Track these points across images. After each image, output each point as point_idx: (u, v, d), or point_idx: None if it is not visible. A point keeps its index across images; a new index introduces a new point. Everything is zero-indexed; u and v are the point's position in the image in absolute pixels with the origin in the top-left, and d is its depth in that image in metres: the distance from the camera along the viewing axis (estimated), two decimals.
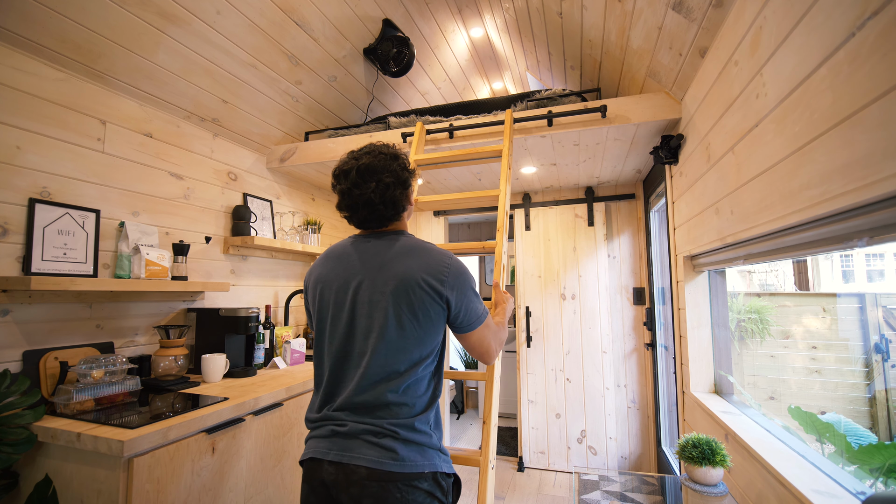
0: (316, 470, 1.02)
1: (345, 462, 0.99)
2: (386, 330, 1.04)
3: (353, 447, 1.00)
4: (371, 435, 1.01)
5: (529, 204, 3.35)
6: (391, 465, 0.98)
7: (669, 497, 1.45)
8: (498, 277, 1.61)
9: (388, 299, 1.05)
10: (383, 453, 0.99)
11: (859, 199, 0.82)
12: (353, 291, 1.09)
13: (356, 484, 0.97)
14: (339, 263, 1.14)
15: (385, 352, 1.04)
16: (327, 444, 1.03)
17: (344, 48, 2.56)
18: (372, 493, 0.96)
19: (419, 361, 1.06)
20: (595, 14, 2.03)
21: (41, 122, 1.60)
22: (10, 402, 1.33)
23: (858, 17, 0.80)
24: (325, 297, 1.13)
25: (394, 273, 1.06)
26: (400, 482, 0.97)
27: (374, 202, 1.10)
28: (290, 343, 2.31)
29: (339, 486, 0.98)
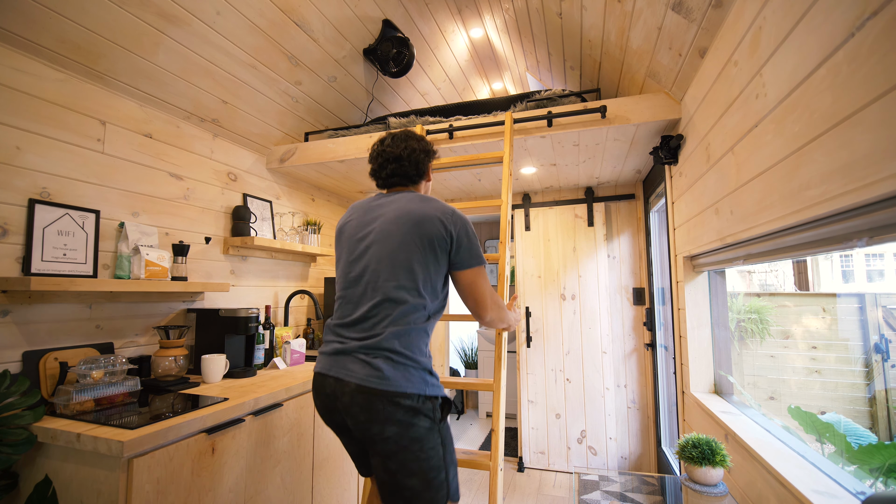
0: (321, 382, 1.21)
1: (340, 377, 1.15)
2: (395, 259, 1.20)
3: (348, 364, 1.15)
4: (364, 353, 1.15)
5: (529, 204, 3.35)
6: (376, 382, 1.11)
7: (669, 497, 1.45)
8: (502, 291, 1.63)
9: (401, 232, 1.22)
10: (371, 372, 1.12)
11: (859, 199, 0.82)
12: (370, 228, 1.28)
13: (347, 395, 1.13)
14: (362, 211, 1.36)
15: (392, 278, 1.19)
16: (330, 360, 1.20)
17: (344, 48, 2.56)
18: (359, 403, 1.11)
19: (421, 293, 1.21)
20: (595, 14, 2.03)
21: (41, 123, 1.60)
22: (10, 403, 1.32)
23: (858, 18, 0.80)
24: (345, 234, 1.35)
25: (408, 213, 1.25)
26: (383, 398, 1.10)
27: (402, 158, 1.35)
28: (289, 343, 2.31)
29: (336, 396, 1.16)
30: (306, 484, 1.89)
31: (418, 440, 1.11)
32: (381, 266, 1.20)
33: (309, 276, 3.06)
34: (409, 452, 1.10)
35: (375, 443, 1.11)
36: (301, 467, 1.86)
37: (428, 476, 1.11)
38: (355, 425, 1.13)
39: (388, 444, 1.10)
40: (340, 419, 1.19)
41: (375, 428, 1.10)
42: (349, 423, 1.16)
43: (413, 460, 1.10)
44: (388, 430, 1.09)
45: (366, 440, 1.13)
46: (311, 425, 1.94)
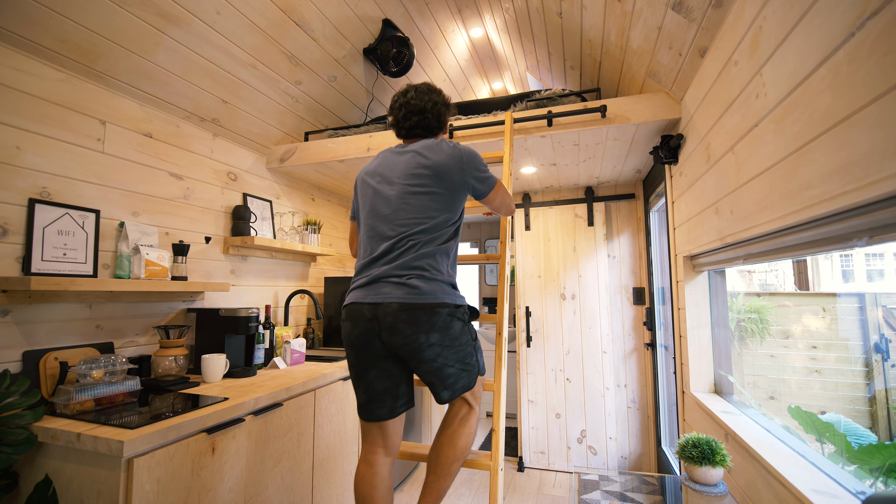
0: (357, 311, 1.31)
1: (379, 301, 1.28)
2: (419, 201, 1.35)
3: (382, 289, 1.28)
4: (396, 277, 1.29)
5: (529, 204, 3.35)
6: (415, 298, 1.26)
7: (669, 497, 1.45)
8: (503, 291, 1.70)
9: (423, 173, 1.36)
10: (408, 290, 1.27)
11: (859, 199, 0.82)
12: (393, 171, 1.40)
13: (390, 315, 1.26)
14: (384, 159, 1.47)
15: (415, 216, 1.34)
16: (364, 290, 1.32)
17: (344, 48, 2.56)
18: (403, 319, 1.25)
19: (444, 222, 1.37)
20: (595, 14, 2.03)
21: (41, 123, 1.60)
22: (10, 403, 1.33)
23: (858, 18, 0.80)
24: (369, 182, 1.45)
25: (429, 157, 1.38)
26: (424, 309, 1.27)
27: (426, 110, 1.47)
28: (290, 343, 2.31)
29: (377, 318, 1.28)
30: (306, 484, 1.89)
31: (455, 338, 1.32)
32: (405, 206, 1.35)
33: (309, 276, 3.06)
34: (450, 350, 1.31)
35: (423, 350, 1.27)
36: (301, 467, 1.86)
37: (465, 362, 1.36)
38: (402, 340, 1.26)
39: (434, 349, 1.28)
40: (378, 344, 1.31)
41: (422, 337, 1.26)
42: (395, 341, 1.27)
43: (452, 354, 1.32)
44: (433, 336, 1.27)
45: (412, 351, 1.28)
46: (311, 425, 1.94)
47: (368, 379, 1.35)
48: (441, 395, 1.34)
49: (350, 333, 1.34)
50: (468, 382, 1.37)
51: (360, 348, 1.33)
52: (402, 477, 2.89)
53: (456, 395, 1.35)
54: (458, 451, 1.35)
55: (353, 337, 1.33)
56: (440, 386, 1.33)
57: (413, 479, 2.99)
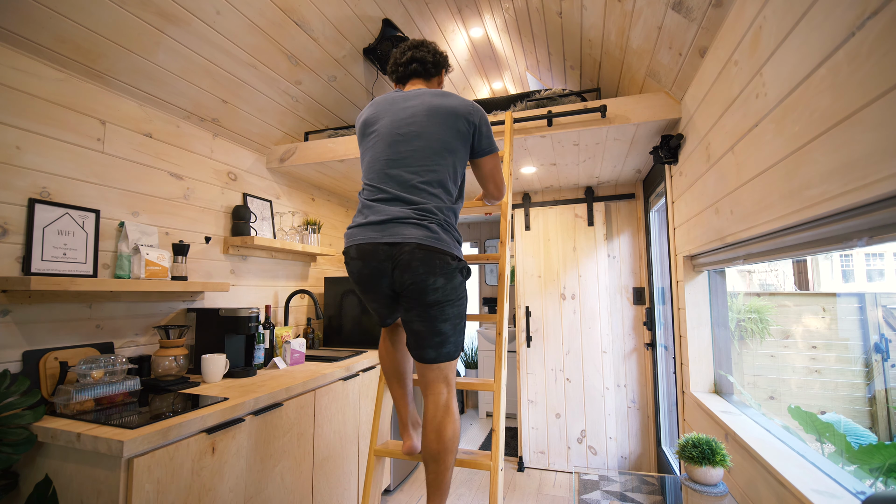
0: (370, 250, 1.31)
1: (396, 241, 1.29)
2: (432, 146, 1.36)
3: (402, 230, 1.30)
4: (417, 220, 1.31)
5: (529, 204, 3.35)
6: (433, 241, 1.30)
7: (669, 497, 1.45)
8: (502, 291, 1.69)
9: (435, 124, 1.38)
10: (428, 234, 1.30)
11: (859, 199, 0.82)
12: (398, 115, 1.41)
13: (406, 253, 1.28)
14: (387, 103, 1.47)
15: (430, 162, 1.35)
16: (379, 229, 1.32)
17: (344, 48, 2.56)
18: (419, 258, 1.28)
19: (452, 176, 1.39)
20: (595, 14, 2.03)
21: (41, 122, 1.60)
22: (10, 403, 1.33)
23: (858, 17, 0.80)
24: (371, 125, 1.46)
25: (438, 108, 1.40)
26: (439, 254, 1.30)
27: (427, 59, 1.53)
28: (290, 343, 2.31)
29: (391, 256, 1.29)
30: (306, 483, 1.89)
31: (455, 290, 1.36)
32: (421, 151, 1.37)
33: (309, 276, 3.06)
34: (448, 301, 1.34)
35: (427, 292, 1.31)
36: (301, 467, 1.86)
37: (455, 322, 1.38)
38: (412, 279, 1.29)
39: (437, 293, 1.31)
40: (386, 284, 1.34)
41: (431, 279, 1.29)
42: (405, 279, 1.30)
43: (449, 307, 1.35)
44: (439, 281, 1.31)
45: (418, 291, 1.31)
46: (311, 425, 1.94)
47: (375, 307, 1.45)
48: (426, 354, 1.37)
49: (360, 272, 1.36)
50: (452, 350, 1.40)
51: (366, 286, 1.38)
52: (402, 477, 2.89)
53: (439, 359, 1.37)
54: (448, 442, 1.36)
55: (362, 276, 1.36)
56: (428, 342, 1.36)
57: (413, 479, 2.99)
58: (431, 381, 1.40)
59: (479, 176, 1.56)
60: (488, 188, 1.58)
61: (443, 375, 1.40)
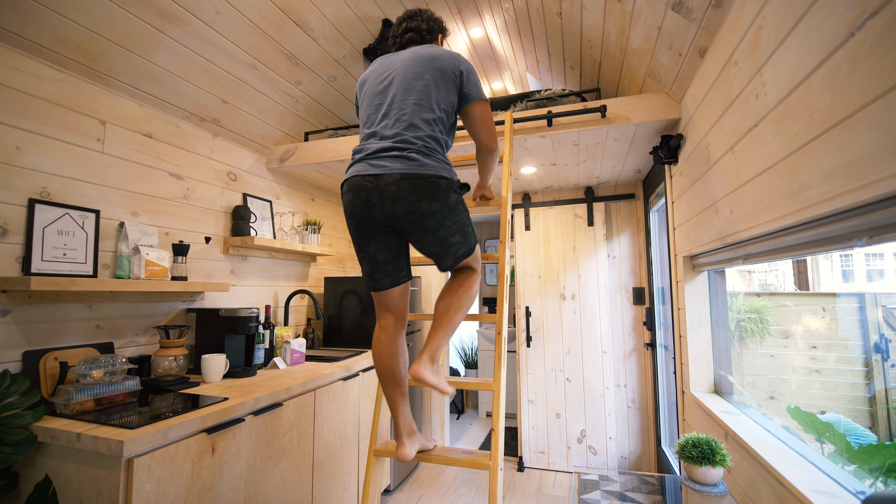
0: (360, 183, 1.36)
1: (381, 173, 1.33)
2: (416, 84, 1.42)
3: (385, 162, 1.34)
4: (398, 151, 1.34)
5: (529, 204, 3.35)
6: (416, 168, 1.33)
7: (669, 497, 1.45)
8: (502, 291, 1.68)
9: (418, 66, 1.44)
10: (409, 163, 1.33)
11: (859, 199, 0.82)
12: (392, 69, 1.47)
13: (393, 184, 1.32)
14: (379, 61, 1.55)
15: (413, 97, 1.41)
16: (366, 164, 1.37)
17: (344, 48, 2.56)
18: (406, 187, 1.31)
19: (438, 108, 1.43)
20: (595, 14, 2.03)
21: (41, 123, 1.60)
22: (10, 403, 1.33)
23: (858, 18, 0.80)
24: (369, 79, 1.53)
25: (422, 54, 1.47)
26: (425, 180, 1.33)
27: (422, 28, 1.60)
28: (289, 343, 2.31)
29: (379, 188, 1.33)
30: (306, 483, 1.89)
31: (453, 207, 1.40)
32: (404, 89, 1.42)
33: (309, 276, 3.06)
34: (450, 218, 1.39)
35: (425, 218, 1.35)
36: (301, 467, 1.86)
37: (464, 230, 1.45)
38: (406, 208, 1.33)
39: (436, 217, 1.36)
40: (379, 215, 1.37)
41: (424, 205, 1.33)
42: (398, 210, 1.33)
43: (454, 222, 1.41)
44: (434, 205, 1.34)
45: (416, 219, 1.35)
46: (310, 425, 1.94)
47: (370, 251, 1.44)
48: (444, 263, 1.45)
49: (351, 204, 1.40)
50: (468, 249, 1.47)
51: (360, 218, 1.40)
52: (402, 477, 2.89)
53: (458, 260, 1.46)
54: (460, 302, 1.45)
55: (353, 207, 1.39)
56: (443, 255, 1.43)
57: (413, 479, 3.00)
58: (458, 271, 1.51)
59: (470, 126, 1.55)
60: (481, 137, 1.56)
61: (466, 266, 1.50)
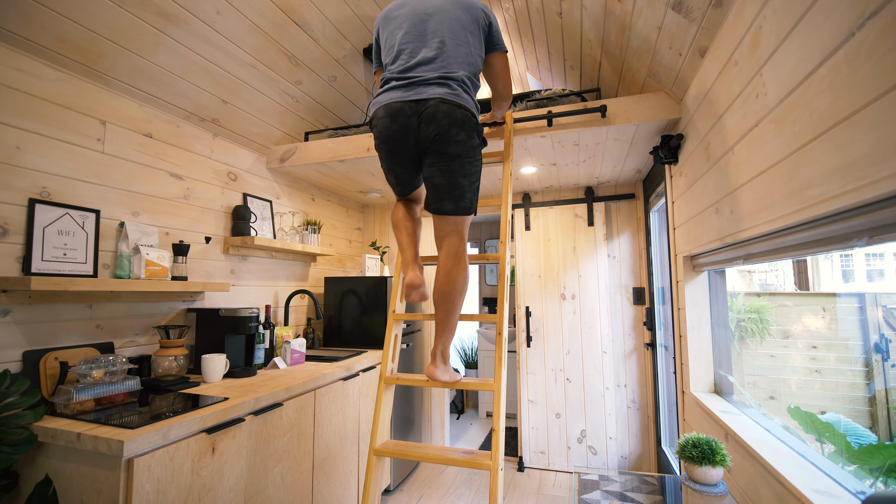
0: (398, 108, 1.44)
1: (421, 98, 1.43)
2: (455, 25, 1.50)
3: (426, 89, 1.43)
4: (441, 80, 1.44)
5: (529, 204, 3.35)
6: (455, 98, 1.43)
7: (669, 497, 1.45)
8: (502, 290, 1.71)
9: (456, 9, 1.53)
10: (451, 91, 1.43)
11: (859, 198, 0.82)
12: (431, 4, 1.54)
13: (432, 106, 1.41)
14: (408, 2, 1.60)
15: (454, 36, 1.49)
16: (404, 90, 1.45)
17: (344, 48, 2.56)
18: (443, 111, 1.41)
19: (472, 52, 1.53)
20: (595, 14, 2.03)
21: (41, 122, 1.60)
22: (10, 403, 1.33)
23: (858, 18, 0.80)
24: (394, 11, 1.59)
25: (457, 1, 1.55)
26: (461, 109, 1.44)
27: None
28: (290, 343, 2.31)
29: (417, 112, 1.42)
30: (306, 483, 1.89)
31: (474, 148, 1.49)
32: (445, 28, 1.50)
33: (309, 276, 3.06)
34: (467, 157, 1.47)
35: (450, 143, 1.44)
36: (301, 467, 1.86)
37: (471, 179, 1.51)
38: (437, 129, 1.42)
39: (458, 147, 1.44)
40: (412, 141, 1.47)
41: (454, 130, 1.42)
42: (430, 131, 1.43)
43: (468, 163, 1.49)
44: (461, 134, 1.44)
45: (442, 141, 1.43)
46: (311, 425, 1.94)
47: (396, 171, 1.57)
48: (445, 206, 1.51)
49: (388, 129, 1.47)
50: (468, 205, 1.53)
51: (393, 143, 1.49)
52: (402, 477, 2.89)
53: (456, 211, 1.52)
54: (456, 284, 1.51)
55: (389, 132, 1.47)
56: (447, 195, 1.50)
57: (413, 479, 3.00)
58: (447, 234, 1.54)
59: (490, 75, 1.69)
60: (498, 87, 1.71)
61: (458, 229, 1.55)
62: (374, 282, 2.92)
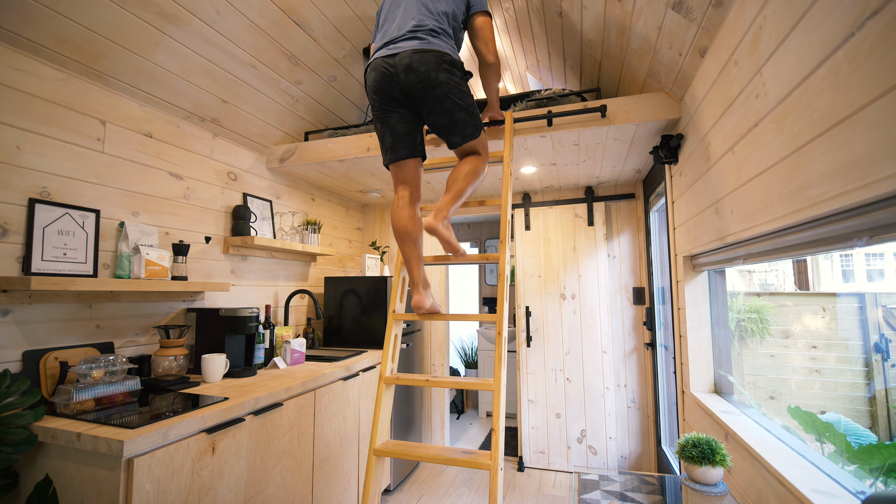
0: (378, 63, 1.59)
1: (395, 52, 1.56)
2: None
3: (400, 44, 1.57)
4: (410, 35, 1.57)
5: (529, 204, 3.35)
6: (425, 45, 1.56)
7: (669, 497, 1.45)
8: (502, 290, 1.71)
9: None
10: (419, 42, 1.56)
11: (859, 198, 0.82)
12: None
13: (406, 57, 1.54)
14: None
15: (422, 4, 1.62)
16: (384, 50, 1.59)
17: (344, 48, 2.56)
18: (417, 59, 1.54)
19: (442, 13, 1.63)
20: (595, 14, 2.03)
21: (41, 122, 1.60)
22: (10, 402, 1.33)
23: (858, 17, 0.80)
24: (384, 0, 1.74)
25: None
26: (433, 54, 1.55)
27: None
28: (289, 343, 2.31)
29: (395, 65, 1.56)
30: (306, 483, 1.89)
31: (459, 84, 1.60)
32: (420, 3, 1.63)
33: (309, 276, 3.06)
34: (456, 93, 1.58)
35: (434, 87, 1.55)
36: (301, 467, 1.86)
37: (468, 109, 1.62)
38: (417, 78, 1.54)
39: (443, 88, 1.55)
40: (396, 89, 1.59)
41: (433, 74, 1.54)
42: (411, 80, 1.54)
43: (459, 98, 1.59)
44: (441, 76, 1.55)
45: (427, 87, 1.55)
46: (311, 425, 1.94)
47: (391, 122, 1.64)
48: (453, 139, 1.63)
49: (375, 81, 1.60)
50: (474, 130, 1.64)
51: (382, 92, 1.60)
52: (402, 477, 2.89)
53: (465, 139, 1.63)
54: (467, 173, 1.64)
55: (376, 83, 1.60)
56: (452, 130, 1.62)
57: (413, 479, 3.00)
58: (467, 153, 1.68)
59: (472, 37, 1.76)
60: (479, 48, 1.76)
61: (475, 149, 1.68)
62: (374, 282, 2.92)
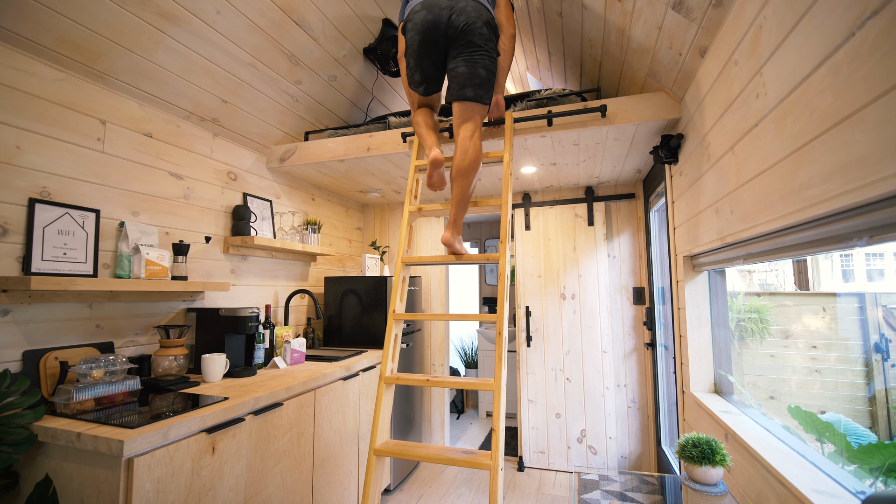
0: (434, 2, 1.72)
1: None
2: None
3: None
4: None
5: (529, 203, 3.35)
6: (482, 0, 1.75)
7: (669, 497, 1.45)
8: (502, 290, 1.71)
9: None
10: None
11: (859, 198, 0.82)
12: None
13: (463, 2, 1.70)
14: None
15: None
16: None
17: (344, 48, 2.56)
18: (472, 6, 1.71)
19: None
20: (595, 14, 2.03)
21: (41, 122, 1.60)
22: (10, 402, 1.33)
23: (858, 17, 0.80)
24: None
25: None
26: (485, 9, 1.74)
27: None
28: (290, 343, 2.31)
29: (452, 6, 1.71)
30: (306, 483, 1.89)
31: (491, 42, 1.75)
32: None
33: (309, 276, 3.06)
34: (486, 51, 1.73)
35: (474, 33, 1.70)
36: (301, 466, 1.86)
37: (490, 70, 1.76)
38: (465, 19, 1.69)
39: (479, 39, 1.70)
40: (442, 31, 1.72)
41: (478, 24, 1.69)
42: (460, 20, 1.69)
43: (486, 56, 1.73)
44: (484, 30, 1.71)
45: (469, 30, 1.70)
46: (311, 425, 1.94)
47: (424, 66, 1.79)
48: (466, 92, 1.73)
49: (424, 19, 1.72)
50: (485, 95, 1.75)
51: (427, 34, 1.72)
52: (402, 477, 2.89)
53: (475, 98, 1.73)
54: (471, 160, 1.73)
55: (425, 23, 1.72)
56: (469, 82, 1.72)
57: (413, 479, 3.00)
58: (466, 119, 1.76)
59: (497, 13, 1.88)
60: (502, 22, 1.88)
61: (475, 116, 1.76)
62: (374, 281, 2.92)
